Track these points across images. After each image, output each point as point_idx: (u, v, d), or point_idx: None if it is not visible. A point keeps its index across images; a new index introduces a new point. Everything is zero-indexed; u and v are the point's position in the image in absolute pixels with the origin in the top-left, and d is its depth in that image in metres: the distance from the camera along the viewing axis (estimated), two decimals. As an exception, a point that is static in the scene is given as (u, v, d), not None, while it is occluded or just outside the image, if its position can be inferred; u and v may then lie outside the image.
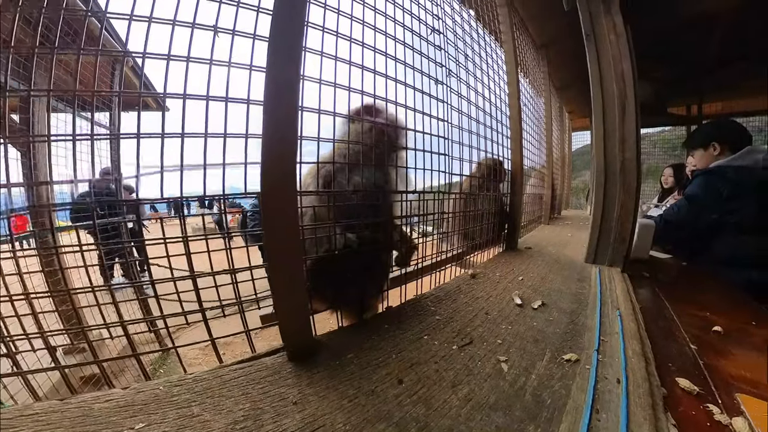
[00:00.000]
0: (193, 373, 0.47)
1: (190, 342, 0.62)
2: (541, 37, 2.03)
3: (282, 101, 0.46)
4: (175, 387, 0.43)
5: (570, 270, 1.02)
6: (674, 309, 0.77)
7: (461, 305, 0.73)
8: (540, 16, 1.74)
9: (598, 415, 0.38)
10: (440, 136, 0.89)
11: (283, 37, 0.46)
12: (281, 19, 0.46)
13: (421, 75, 0.81)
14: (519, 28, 1.74)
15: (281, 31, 0.46)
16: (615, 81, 0.96)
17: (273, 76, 0.45)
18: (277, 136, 0.46)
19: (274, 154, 0.45)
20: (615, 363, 0.48)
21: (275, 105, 0.45)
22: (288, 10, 0.46)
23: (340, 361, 0.50)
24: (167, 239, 0.52)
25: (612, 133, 0.98)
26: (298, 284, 0.50)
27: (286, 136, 0.47)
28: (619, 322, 0.60)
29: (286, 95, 0.47)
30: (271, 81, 0.45)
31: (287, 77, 0.47)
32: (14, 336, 0.51)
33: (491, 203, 1.27)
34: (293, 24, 0.47)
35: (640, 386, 0.43)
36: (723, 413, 0.42)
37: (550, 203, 2.50)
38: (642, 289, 0.90)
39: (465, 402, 0.42)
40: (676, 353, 0.57)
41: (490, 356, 0.52)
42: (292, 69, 0.47)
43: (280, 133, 0.46)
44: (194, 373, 0.47)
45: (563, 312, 0.69)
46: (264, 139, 0.45)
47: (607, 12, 0.98)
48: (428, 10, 0.90)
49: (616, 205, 0.99)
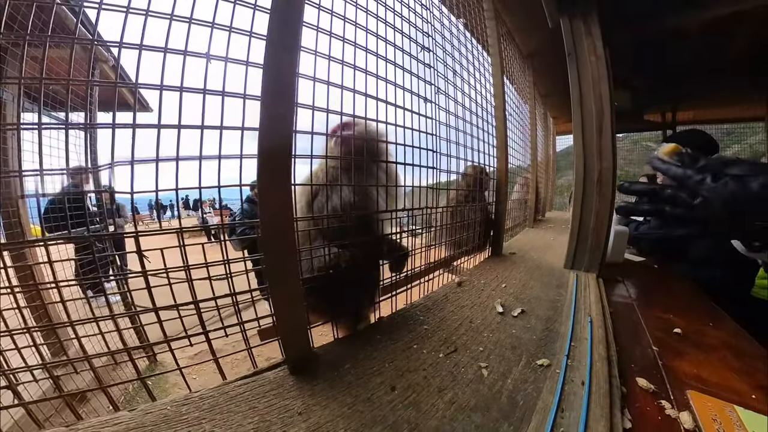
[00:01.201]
0: (198, 391, 0.49)
1: (190, 362, 0.65)
2: (527, 47, 2.12)
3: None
4: (183, 406, 0.46)
5: (550, 276, 1.09)
6: (642, 312, 0.84)
7: (448, 314, 0.79)
8: (527, 28, 1.83)
9: (563, 414, 0.44)
10: (428, 149, 0.95)
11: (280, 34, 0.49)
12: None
13: (410, 94, 0.86)
14: (506, 39, 1.83)
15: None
16: (594, 101, 1.04)
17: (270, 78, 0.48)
18: (271, 164, 0.49)
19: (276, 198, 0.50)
20: (582, 367, 0.55)
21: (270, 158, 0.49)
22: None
23: (338, 372, 0.54)
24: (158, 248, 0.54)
25: (590, 147, 1.06)
26: (298, 302, 0.55)
27: (281, 165, 0.51)
28: (589, 328, 0.67)
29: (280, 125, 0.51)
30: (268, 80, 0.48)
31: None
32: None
33: (477, 213, 1.34)
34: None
35: (601, 387, 0.49)
36: (674, 408, 0.49)
37: (534, 207, 2.60)
38: (614, 293, 0.97)
39: (449, 405, 0.47)
40: (639, 355, 0.64)
41: (473, 363, 0.57)
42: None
43: (275, 160, 0.50)
44: (199, 391, 0.50)
45: (540, 319, 0.75)
46: (262, 182, 0.48)
47: (588, 33, 1.05)
48: (419, 27, 0.95)
49: (592, 214, 1.07)
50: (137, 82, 0.48)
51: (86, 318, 0.56)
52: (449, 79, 1.09)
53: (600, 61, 1.03)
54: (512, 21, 1.76)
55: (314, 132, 0.61)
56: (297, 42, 0.52)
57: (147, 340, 0.56)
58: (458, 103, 1.15)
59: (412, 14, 0.92)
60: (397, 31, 0.83)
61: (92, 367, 0.54)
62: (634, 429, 0.44)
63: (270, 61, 0.48)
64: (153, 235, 0.61)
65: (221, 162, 0.55)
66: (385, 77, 0.75)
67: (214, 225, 0.62)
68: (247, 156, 0.55)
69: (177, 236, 0.57)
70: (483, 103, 1.38)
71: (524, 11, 1.59)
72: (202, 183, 0.54)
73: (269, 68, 0.49)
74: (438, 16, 1.10)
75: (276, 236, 0.50)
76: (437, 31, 1.06)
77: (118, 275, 0.87)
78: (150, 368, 2.10)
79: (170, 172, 0.51)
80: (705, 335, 0.75)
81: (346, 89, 0.66)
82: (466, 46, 1.29)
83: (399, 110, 0.80)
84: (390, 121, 0.76)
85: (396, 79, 0.79)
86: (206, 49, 0.50)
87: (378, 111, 0.73)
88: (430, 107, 0.96)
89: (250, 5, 0.53)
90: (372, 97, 0.71)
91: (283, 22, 0.50)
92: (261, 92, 0.49)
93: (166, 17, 0.48)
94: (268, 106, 0.49)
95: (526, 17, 1.66)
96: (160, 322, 0.57)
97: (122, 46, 0.47)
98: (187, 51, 0.49)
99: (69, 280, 0.62)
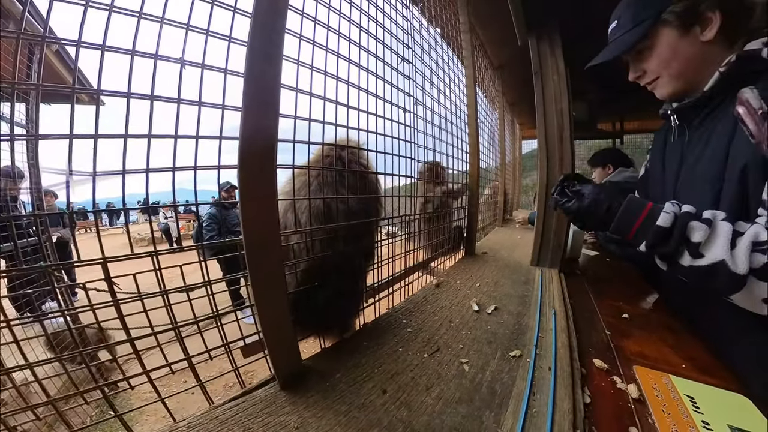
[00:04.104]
0: (184, 419, 0.47)
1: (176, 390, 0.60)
2: (498, 59, 2.27)
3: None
4: (170, 439, 0.43)
5: (518, 274, 1.19)
6: (597, 301, 0.95)
7: (429, 315, 0.84)
8: (498, 41, 1.96)
9: (534, 397, 0.51)
10: (407, 156, 1.00)
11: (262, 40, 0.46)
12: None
13: (390, 105, 0.90)
14: (479, 51, 1.96)
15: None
16: (555, 115, 1.16)
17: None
18: (254, 176, 0.48)
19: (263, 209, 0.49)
20: (548, 354, 0.62)
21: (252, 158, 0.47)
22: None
23: (330, 382, 0.56)
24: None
25: (553, 157, 1.18)
26: (286, 317, 0.55)
27: (266, 178, 0.49)
28: (553, 320, 0.75)
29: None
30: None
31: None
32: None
33: (451, 219, 1.42)
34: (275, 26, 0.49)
35: (564, 371, 0.56)
36: (623, 382, 0.57)
37: (503, 207, 2.78)
38: (574, 286, 1.08)
39: (437, 400, 0.51)
40: (595, 340, 0.73)
41: (454, 360, 0.62)
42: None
43: (258, 173, 0.48)
44: (186, 419, 0.47)
45: (511, 314, 0.83)
46: (242, 194, 0.47)
47: (552, 54, 1.17)
48: (399, 39, 1.00)
49: (553, 219, 1.18)
50: (99, 88, 0.42)
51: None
52: (426, 90, 1.16)
53: (561, 79, 1.15)
54: (485, 34, 1.89)
55: (296, 140, 0.61)
56: (280, 50, 0.50)
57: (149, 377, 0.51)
58: (434, 112, 1.22)
59: (393, 25, 0.97)
60: (379, 42, 0.87)
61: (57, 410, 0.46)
62: (592, 403, 0.51)
63: (252, 69, 0.46)
64: (125, 260, 0.56)
65: (197, 173, 0.52)
66: (366, 88, 0.78)
67: (192, 246, 0.58)
68: (225, 167, 0.52)
69: (151, 259, 0.52)
70: (457, 111, 1.47)
71: (497, 26, 1.71)
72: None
73: (252, 77, 0.46)
74: (417, 27, 1.16)
75: (261, 251, 0.50)
76: (416, 42, 1.12)
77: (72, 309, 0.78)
78: (113, 398, 1.93)
79: (140, 182, 0.47)
80: (647, 318, 0.87)
81: (329, 101, 0.66)
82: (443, 58, 1.37)
83: (380, 119, 0.84)
84: (371, 130, 0.79)
85: (377, 90, 0.83)
86: (180, 54, 0.46)
87: (359, 120, 0.76)
88: (409, 116, 1.02)
89: (230, 7, 0.50)
90: (353, 108, 0.73)
91: (266, 28, 0.47)
92: (242, 102, 0.46)
93: (134, 15, 0.43)
94: (250, 118, 0.46)
95: (498, 31, 1.79)
96: (138, 355, 0.50)
97: (81, 46, 0.40)
98: (158, 55, 0.45)
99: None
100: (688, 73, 0.68)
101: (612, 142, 3.56)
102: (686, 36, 0.64)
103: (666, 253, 0.59)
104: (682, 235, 0.56)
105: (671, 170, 0.79)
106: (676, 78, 0.69)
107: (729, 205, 0.60)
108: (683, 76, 0.69)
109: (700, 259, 0.54)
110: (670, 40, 0.66)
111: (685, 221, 0.57)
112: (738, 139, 0.59)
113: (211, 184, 0.60)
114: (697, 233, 0.55)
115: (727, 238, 0.52)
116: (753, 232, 0.51)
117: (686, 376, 0.59)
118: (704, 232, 0.54)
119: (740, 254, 0.50)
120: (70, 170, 0.43)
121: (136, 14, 0.43)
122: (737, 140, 0.59)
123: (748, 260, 0.49)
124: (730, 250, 0.51)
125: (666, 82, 0.71)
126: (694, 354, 0.67)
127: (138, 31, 0.43)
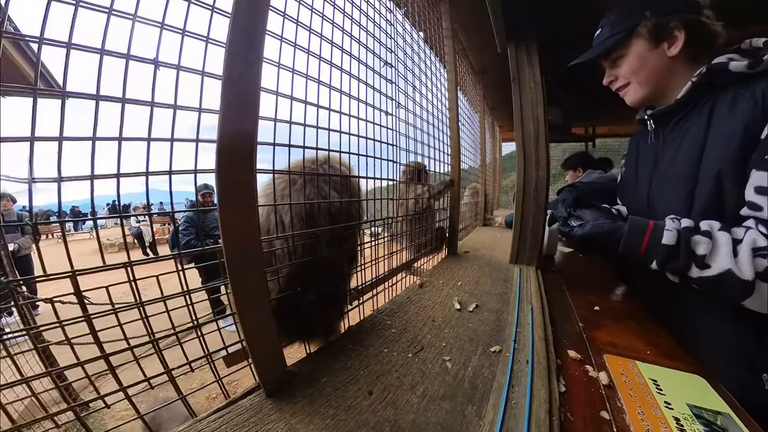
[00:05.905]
0: None
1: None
2: (479, 64, 2.33)
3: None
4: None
5: (498, 272, 1.23)
6: (571, 296, 1.00)
7: (412, 315, 0.85)
8: (479, 47, 2.01)
9: (513, 389, 0.53)
10: (390, 160, 1.01)
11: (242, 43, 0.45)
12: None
13: (373, 108, 0.91)
14: (461, 56, 2.00)
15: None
16: (532, 121, 1.21)
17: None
18: (233, 182, 0.46)
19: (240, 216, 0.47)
20: (526, 348, 0.65)
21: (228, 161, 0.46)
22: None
23: (316, 386, 0.56)
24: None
25: (530, 161, 1.23)
26: (269, 325, 0.54)
27: (245, 184, 0.48)
28: (530, 315, 0.78)
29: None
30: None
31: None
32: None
33: (433, 220, 1.44)
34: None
35: (541, 363, 0.59)
36: (595, 370, 0.61)
37: (483, 207, 2.86)
38: (550, 281, 1.13)
39: (422, 398, 0.53)
40: (569, 332, 0.77)
41: (438, 358, 0.64)
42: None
43: (238, 181, 0.47)
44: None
45: (492, 311, 0.86)
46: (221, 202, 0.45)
47: (529, 63, 1.22)
48: (382, 42, 1.01)
49: (530, 217, 1.23)
50: (65, 89, 0.40)
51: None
52: (408, 94, 1.18)
53: (538, 87, 1.21)
54: (467, 39, 1.94)
55: (276, 143, 0.60)
56: (260, 53, 0.48)
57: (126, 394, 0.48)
58: (416, 115, 1.24)
59: (377, 29, 0.98)
60: (362, 45, 0.88)
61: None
62: (567, 392, 0.54)
63: (231, 72, 0.44)
64: (96, 272, 0.53)
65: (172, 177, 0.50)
66: (348, 92, 0.78)
67: (169, 255, 0.55)
68: (202, 171, 0.51)
69: (125, 270, 0.49)
70: (439, 114, 1.50)
71: (478, 32, 1.76)
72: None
73: (230, 81, 0.44)
74: (401, 31, 1.18)
75: (242, 258, 0.49)
76: (400, 47, 1.14)
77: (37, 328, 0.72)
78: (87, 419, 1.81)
79: (110, 183, 0.44)
80: (617, 309, 0.92)
81: (309, 104, 0.65)
82: (425, 63, 1.40)
83: (362, 122, 0.84)
84: (353, 132, 0.80)
85: (359, 94, 0.83)
86: (154, 54, 0.44)
87: (341, 122, 0.75)
88: (392, 119, 1.03)
89: (208, 6, 0.48)
90: (335, 111, 0.73)
91: (245, 29, 0.46)
92: (220, 107, 0.44)
93: (104, 11, 0.40)
94: (228, 123, 0.45)
95: (480, 38, 1.84)
96: (113, 371, 0.47)
97: (44, 43, 0.37)
98: (130, 55, 0.42)
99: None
100: (654, 81, 0.75)
101: (585, 145, 3.76)
102: (655, 49, 0.72)
103: (677, 269, 0.63)
104: (687, 249, 0.61)
105: (645, 172, 0.86)
106: (643, 85, 0.77)
107: (704, 202, 0.66)
108: (649, 84, 0.76)
109: (707, 269, 0.59)
110: (641, 51, 0.73)
111: (689, 236, 0.62)
112: (712, 139, 0.65)
113: (187, 184, 0.58)
114: (701, 246, 0.60)
115: (729, 247, 0.57)
116: (750, 239, 0.56)
117: (651, 361, 0.63)
118: (707, 244, 0.59)
119: (743, 261, 0.55)
120: (32, 176, 0.39)
121: (106, 10, 0.41)
122: (711, 140, 0.65)
123: (752, 266, 0.54)
124: (734, 258, 0.56)
125: (634, 88, 0.78)
126: (657, 341, 0.72)
127: (108, 28, 0.41)
